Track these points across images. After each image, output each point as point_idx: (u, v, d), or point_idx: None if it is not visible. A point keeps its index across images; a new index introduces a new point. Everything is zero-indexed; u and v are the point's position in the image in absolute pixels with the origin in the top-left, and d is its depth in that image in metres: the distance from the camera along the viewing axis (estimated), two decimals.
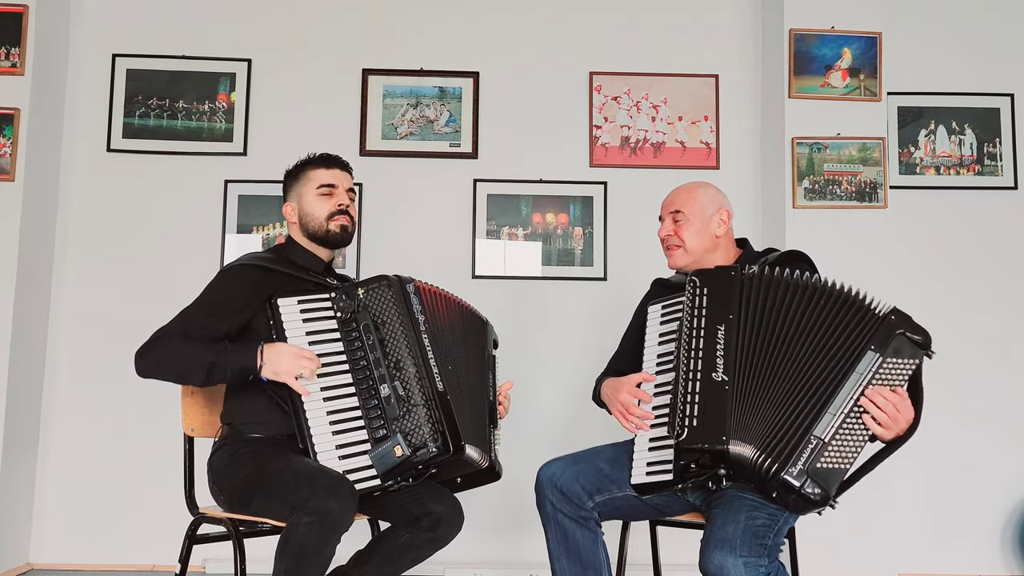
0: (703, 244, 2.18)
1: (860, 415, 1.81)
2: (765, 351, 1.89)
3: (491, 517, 3.36)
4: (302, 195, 2.21)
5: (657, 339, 2.13)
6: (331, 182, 2.21)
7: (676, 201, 2.22)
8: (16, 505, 3.22)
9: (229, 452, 2.07)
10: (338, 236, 2.20)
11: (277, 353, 1.97)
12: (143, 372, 2.03)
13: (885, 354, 1.82)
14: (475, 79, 3.56)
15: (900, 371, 1.83)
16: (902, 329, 1.84)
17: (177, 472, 2.37)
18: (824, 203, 3.33)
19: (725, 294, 1.96)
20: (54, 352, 3.40)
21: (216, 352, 1.99)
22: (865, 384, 1.81)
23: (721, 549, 1.78)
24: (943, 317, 3.51)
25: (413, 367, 2.02)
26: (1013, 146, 3.57)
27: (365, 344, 2.03)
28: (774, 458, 1.79)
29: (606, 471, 2.09)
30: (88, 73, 3.51)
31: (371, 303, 2.07)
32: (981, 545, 3.41)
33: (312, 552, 1.81)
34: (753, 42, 3.64)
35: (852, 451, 1.79)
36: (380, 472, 1.93)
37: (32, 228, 3.27)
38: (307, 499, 1.81)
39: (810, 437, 1.79)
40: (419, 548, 2.05)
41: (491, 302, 3.46)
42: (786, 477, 1.77)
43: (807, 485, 1.76)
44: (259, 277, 2.10)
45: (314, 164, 2.24)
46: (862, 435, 1.81)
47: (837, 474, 1.78)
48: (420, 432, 1.96)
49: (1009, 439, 3.45)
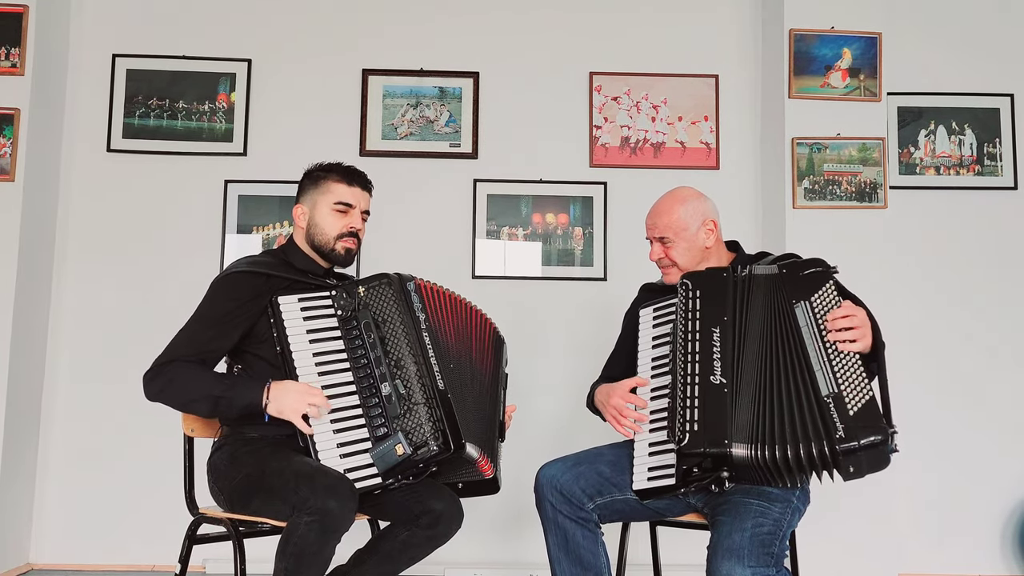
0: (694, 259, 2.18)
1: (837, 348, 1.86)
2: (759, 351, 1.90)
3: (491, 517, 3.36)
4: (317, 203, 2.18)
5: (651, 343, 2.13)
6: (350, 201, 2.18)
7: (657, 226, 2.20)
8: (16, 505, 3.22)
9: (229, 452, 2.07)
10: (341, 257, 2.18)
11: (284, 391, 1.96)
12: (151, 397, 2.04)
13: (807, 297, 1.92)
14: (475, 79, 3.56)
15: (829, 298, 1.92)
16: (798, 271, 1.96)
17: (177, 472, 2.37)
18: (824, 203, 3.33)
19: (719, 296, 1.97)
20: (54, 351, 3.40)
21: (223, 387, 1.99)
22: (818, 328, 1.88)
23: (729, 559, 1.78)
24: (943, 317, 3.51)
25: (414, 365, 2.02)
26: (1013, 146, 3.57)
27: (366, 342, 2.03)
28: (814, 440, 1.78)
29: (607, 474, 2.09)
30: (88, 73, 3.51)
31: (371, 301, 2.07)
32: (981, 545, 3.41)
33: (312, 552, 1.81)
34: (753, 42, 3.64)
35: (860, 380, 1.83)
36: (381, 470, 1.93)
37: (32, 228, 3.27)
38: (307, 499, 1.81)
39: (824, 400, 1.81)
40: (418, 546, 2.05)
41: (491, 302, 3.45)
42: (841, 446, 1.76)
43: (861, 435, 1.76)
44: (256, 283, 2.09)
45: (338, 176, 2.20)
46: (855, 362, 1.85)
47: (870, 407, 1.79)
48: (421, 430, 1.96)
49: (1009, 439, 3.45)
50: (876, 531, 3.17)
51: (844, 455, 1.77)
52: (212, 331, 2.05)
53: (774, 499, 1.91)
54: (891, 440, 1.79)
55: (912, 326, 3.47)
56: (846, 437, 1.76)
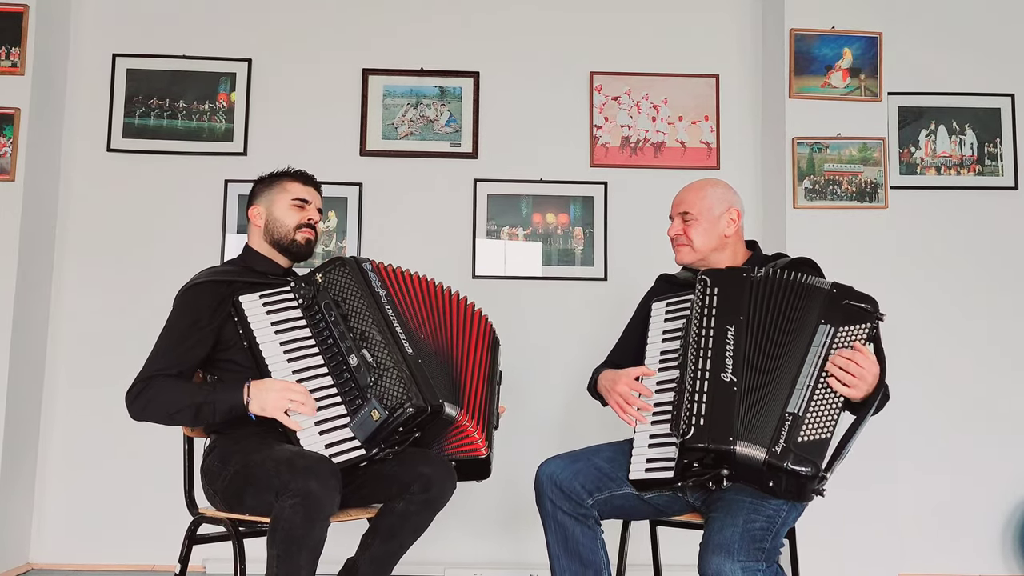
0: (710, 243, 2.18)
1: (827, 382, 1.85)
2: (767, 352, 1.90)
3: (491, 517, 3.36)
4: (274, 201, 2.27)
5: (661, 336, 2.13)
6: (306, 197, 2.29)
7: (685, 201, 2.23)
8: (16, 505, 3.22)
9: (219, 453, 2.09)
10: (301, 247, 2.26)
11: (264, 390, 2.00)
12: (135, 416, 2.07)
13: (836, 324, 1.90)
14: (475, 79, 3.56)
15: (855, 336, 1.90)
16: (845, 299, 1.93)
17: (177, 472, 2.37)
18: (824, 203, 3.33)
19: (736, 295, 1.97)
20: (54, 351, 3.40)
21: (204, 393, 2.02)
22: (824, 354, 1.87)
23: (719, 554, 1.78)
24: (943, 317, 3.51)
25: (379, 335, 2.04)
26: (1014, 146, 3.57)
27: (328, 322, 2.07)
28: (761, 444, 1.79)
29: (605, 469, 2.09)
30: (88, 73, 3.51)
31: (330, 284, 2.13)
32: (981, 545, 3.41)
33: (300, 534, 1.81)
34: (753, 42, 3.64)
35: (828, 419, 1.82)
36: (362, 440, 1.95)
37: (32, 228, 3.27)
38: (288, 482, 1.83)
39: (784, 415, 1.81)
40: (417, 514, 2.05)
41: (491, 302, 3.46)
42: (772, 460, 1.77)
43: (792, 461, 1.76)
44: (220, 290, 2.14)
45: (292, 177, 2.31)
46: (835, 402, 1.84)
47: (820, 445, 1.79)
48: (394, 393, 1.97)
49: (1010, 439, 3.45)
50: (876, 531, 3.17)
51: (769, 467, 1.78)
52: (187, 342, 2.08)
53: (769, 496, 1.91)
54: (820, 482, 1.78)
55: (912, 326, 3.47)
56: (780, 454, 1.77)
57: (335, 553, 2.11)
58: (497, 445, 2.24)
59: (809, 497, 1.83)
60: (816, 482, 1.78)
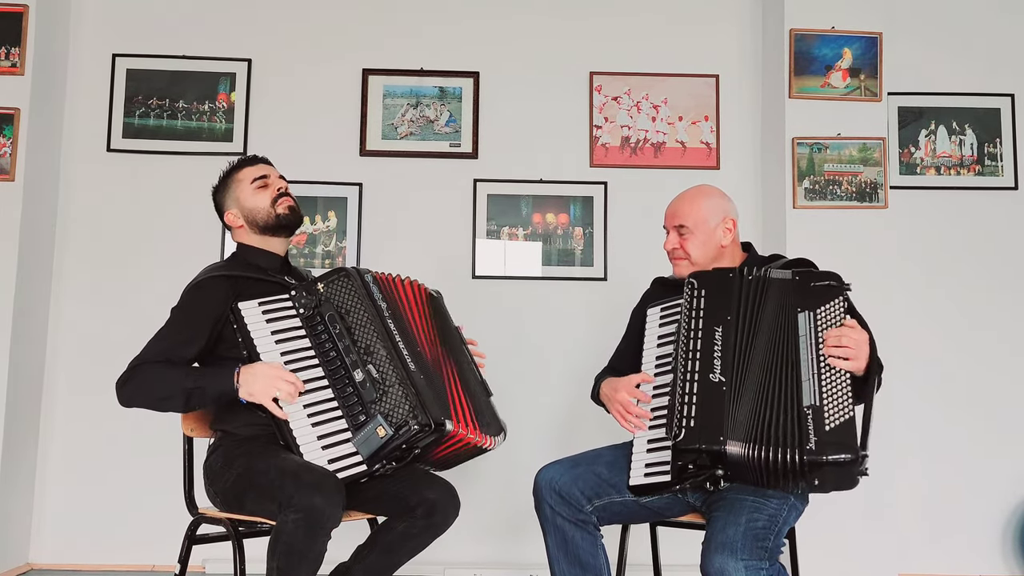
0: (708, 255, 2.18)
1: (829, 364, 1.86)
2: (756, 351, 1.91)
3: (491, 518, 3.36)
4: (239, 196, 2.24)
5: (656, 341, 2.13)
6: (262, 173, 2.26)
7: (679, 213, 2.21)
8: (16, 505, 3.22)
9: (223, 454, 2.08)
10: (288, 217, 2.23)
11: (252, 375, 1.97)
12: (124, 402, 2.04)
13: (812, 308, 1.93)
14: (475, 79, 3.55)
15: (835, 313, 1.93)
16: (811, 282, 1.96)
17: (176, 473, 2.37)
18: (824, 203, 3.33)
19: (723, 296, 1.98)
20: (54, 351, 3.40)
21: (194, 378, 2.01)
22: (815, 340, 1.89)
23: (722, 552, 1.78)
24: (943, 317, 3.51)
25: (384, 350, 2.02)
26: (1013, 146, 3.57)
27: (332, 334, 2.04)
28: (788, 447, 1.78)
29: (605, 476, 2.09)
30: (88, 73, 3.51)
31: (333, 295, 2.10)
32: (981, 545, 3.41)
33: (301, 549, 1.81)
34: (753, 42, 3.64)
35: (844, 398, 1.83)
36: (365, 456, 1.93)
37: (32, 228, 3.27)
38: (292, 496, 1.81)
39: (803, 410, 1.81)
40: (417, 536, 2.05)
41: (491, 302, 3.47)
42: (808, 458, 1.75)
43: (830, 451, 1.75)
44: (225, 285, 2.12)
45: (237, 167, 2.29)
46: (843, 380, 1.85)
47: (847, 426, 1.79)
48: (400, 410, 1.95)
49: (1009, 439, 3.45)
50: (876, 531, 3.17)
51: (811, 467, 1.76)
52: (182, 336, 2.07)
53: (770, 495, 1.91)
54: (862, 463, 1.78)
55: (912, 326, 3.47)
56: (816, 450, 1.76)
57: (327, 553, 2.11)
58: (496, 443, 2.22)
59: (855, 482, 1.81)
60: (860, 464, 1.77)
